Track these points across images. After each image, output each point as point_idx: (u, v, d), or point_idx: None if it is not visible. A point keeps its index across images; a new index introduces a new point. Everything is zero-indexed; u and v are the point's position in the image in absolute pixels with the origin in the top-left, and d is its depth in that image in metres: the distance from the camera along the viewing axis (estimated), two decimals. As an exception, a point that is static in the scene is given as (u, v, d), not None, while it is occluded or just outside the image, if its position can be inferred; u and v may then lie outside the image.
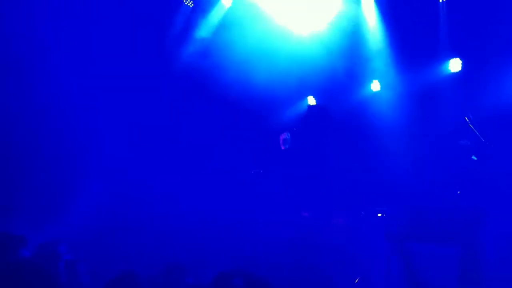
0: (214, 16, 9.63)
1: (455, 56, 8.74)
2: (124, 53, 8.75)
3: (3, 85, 8.08)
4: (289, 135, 7.81)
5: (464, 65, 8.71)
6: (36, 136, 8.26)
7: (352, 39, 9.03)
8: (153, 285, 5.49)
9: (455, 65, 8.74)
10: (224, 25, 9.48)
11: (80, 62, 8.34)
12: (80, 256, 6.66)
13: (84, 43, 8.44)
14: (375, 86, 9.33)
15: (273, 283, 7.47)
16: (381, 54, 9.07)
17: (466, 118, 7.29)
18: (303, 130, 7.88)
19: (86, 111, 8.50)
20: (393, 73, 9.02)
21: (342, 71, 9.15)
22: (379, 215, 7.24)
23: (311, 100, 9.64)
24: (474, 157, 6.82)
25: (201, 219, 8.54)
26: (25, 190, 8.01)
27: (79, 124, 8.50)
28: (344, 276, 7.51)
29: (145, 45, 9.00)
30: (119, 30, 8.72)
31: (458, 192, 6.74)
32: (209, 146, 9.23)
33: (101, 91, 8.54)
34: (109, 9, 8.64)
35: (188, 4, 9.65)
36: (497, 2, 8.18)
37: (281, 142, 7.76)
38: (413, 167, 8.14)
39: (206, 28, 9.60)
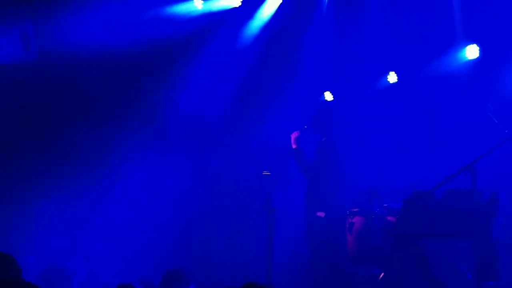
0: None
1: (472, 43, 8.82)
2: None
3: None
4: (300, 133, 7.96)
5: (482, 51, 8.78)
6: None
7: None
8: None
9: (472, 52, 8.82)
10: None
11: None
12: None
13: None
14: (391, 77, 9.46)
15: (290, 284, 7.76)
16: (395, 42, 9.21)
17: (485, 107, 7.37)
18: (316, 127, 8.00)
19: None
20: (408, 63, 9.15)
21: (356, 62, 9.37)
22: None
23: (328, 96, 9.80)
24: None
25: (210, 220, 8.92)
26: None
27: None
28: (361, 275, 7.72)
29: None
30: None
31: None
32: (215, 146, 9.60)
33: None
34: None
35: None
36: None
37: (292, 140, 7.92)
38: (426, 161, 8.30)
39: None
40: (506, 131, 7.10)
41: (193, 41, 9.76)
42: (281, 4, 9.86)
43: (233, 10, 9.85)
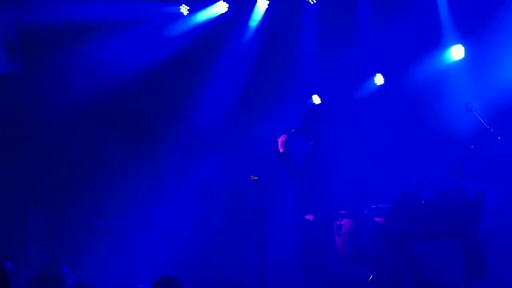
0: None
1: (457, 43, 8.94)
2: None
3: None
4: (287, 136, 8.00)
5: (467, 51, 8.90)
6: None
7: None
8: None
9: (457, 52, 8.93)
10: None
11: None
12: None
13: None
14: (378, 79, 9.57)
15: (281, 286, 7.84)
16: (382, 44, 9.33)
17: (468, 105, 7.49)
18: (303, 131, 8.05)
19: None
20: (395, 64, 9.27)
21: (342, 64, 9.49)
22: None
23: (316, 99, 9.89)
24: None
25: (202, 225, 9.01)
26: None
27: None
28: (351, 276, 7.81)
29: None
30: None
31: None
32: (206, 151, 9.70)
33: None
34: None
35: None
36: None
37: (279, 144, 7.96)
38: (413, 161, 8.42)
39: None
40: (492, 130, 7.23)
41: (189, 52, 9.91)
42: (268, 8, 9.98)
43: (223, 17, 9.98)
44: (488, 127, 7.29)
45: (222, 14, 9.93)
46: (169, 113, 10.02)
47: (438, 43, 9.04)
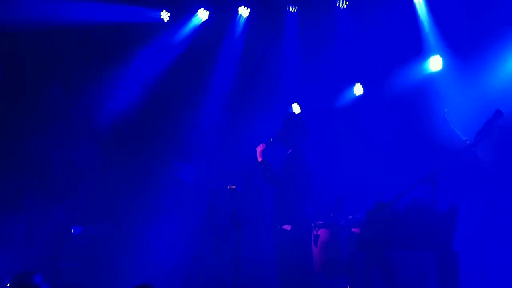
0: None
1: (435, 54, 9.03)
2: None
3: None
4: (266, 146, 8.01)
5: (445, 62, 8.99)
6: None
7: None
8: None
9: (435, 63, 9.02)
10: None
11: None
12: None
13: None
14: (357, 89, 9.65)
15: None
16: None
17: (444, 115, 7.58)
18: (282, 139, 8.05)
19: None
20: (375, 75, 9.36)
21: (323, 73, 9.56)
22: None
23: (296, 108, 9.94)
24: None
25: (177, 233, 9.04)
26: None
27: None
28: (328, 287, 7.85)
29: None
30: None
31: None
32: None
33: None
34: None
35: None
36: None
37: (258, 153, 7.97)
38: (392, 171, 8.49)
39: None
40: (468, 142, 7.30)
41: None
42: (249, 16, 10.04)
43: (204, 26, 10.02)
44: (464, 138, 7.38)
45: (203, 24, 10.02)
46: (149, 120, 10.03)
47: (418, 54, 9.12)
